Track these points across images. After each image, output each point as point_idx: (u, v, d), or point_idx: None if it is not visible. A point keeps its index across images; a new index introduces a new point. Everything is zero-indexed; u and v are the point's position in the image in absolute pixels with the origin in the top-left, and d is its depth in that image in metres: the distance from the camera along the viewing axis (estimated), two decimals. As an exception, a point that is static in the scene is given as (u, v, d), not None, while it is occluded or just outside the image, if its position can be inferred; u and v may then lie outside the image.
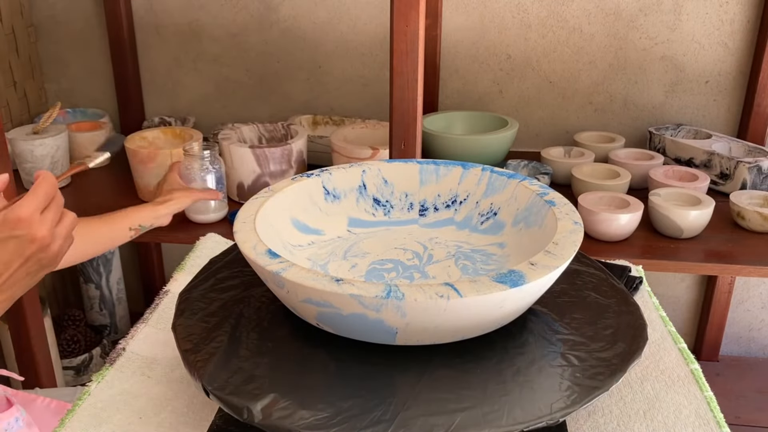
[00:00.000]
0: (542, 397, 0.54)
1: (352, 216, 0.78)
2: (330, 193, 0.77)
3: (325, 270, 0.71)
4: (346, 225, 0.78)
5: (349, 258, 0.73)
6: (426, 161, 0.79)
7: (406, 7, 1.00)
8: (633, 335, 0.62)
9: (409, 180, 0.79)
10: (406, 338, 0.57)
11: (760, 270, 1.14)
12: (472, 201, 0.76)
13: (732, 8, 1.49)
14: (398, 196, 0.79)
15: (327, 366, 0.58)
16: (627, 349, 0.60)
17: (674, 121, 1.59)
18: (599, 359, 0.59)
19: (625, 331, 0.63)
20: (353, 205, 0.78)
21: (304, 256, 0.72)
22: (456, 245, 0.74)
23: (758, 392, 1.60)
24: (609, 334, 0.63)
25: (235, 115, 1.71)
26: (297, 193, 0.75)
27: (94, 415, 0.61)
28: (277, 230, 0.70)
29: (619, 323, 0.64)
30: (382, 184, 0.79)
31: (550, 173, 1.36)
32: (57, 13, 1.69)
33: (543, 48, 1.57)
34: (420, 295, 0.53)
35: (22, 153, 1.34)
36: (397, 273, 0.71)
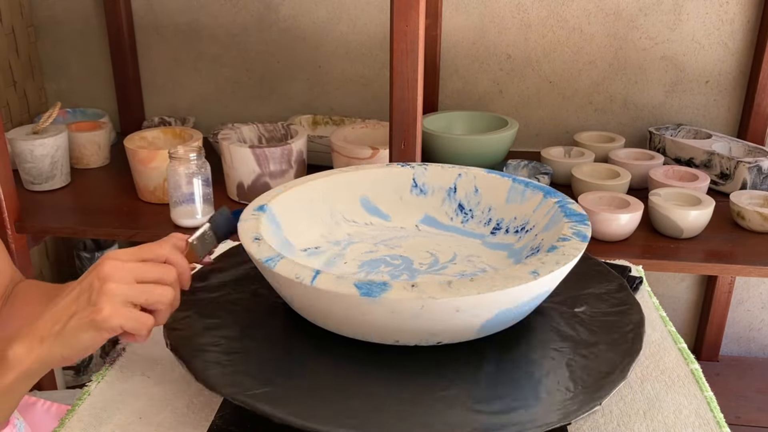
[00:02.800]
0: (545, 403, 0.54)
1: (430, 214, 0.79)
2: (417, 186, 0.78)
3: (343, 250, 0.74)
4: (418, 220, 0.78)
5: (380, 246, 0.75)
6: (520, 180, 0.75)
7: (406, 7, 1.00)
8: (633, 339, 0.63)
9: (497, 194, 0.77)
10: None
11: (760, 270, 1.14)
12: (533, 233, 0.72)
13: (732, 8, 1.49)
14: (482, 208, 0.77)
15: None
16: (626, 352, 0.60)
17: (674, 121, 1.59)
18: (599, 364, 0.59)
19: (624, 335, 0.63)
20: (437, 205, 0.78)
21: (346, 231, 0.76)
22: (484, 266, 0.72)
23: (758, 392, 1.60)
24: (608, 339, 0.63)
25: (235, 115, 1.71)
26: (381, 177, 0.77)
27: (94, 415, 0.61)
28: (333, 203, 0.75)
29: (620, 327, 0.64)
30: (472, 192, 0.78)
31: (550, 173, 1.36)
32: (57, 13, 1.69)
33: (543, 48, 1.57)
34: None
35: (22, 153, 1.34)
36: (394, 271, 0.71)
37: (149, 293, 0.56)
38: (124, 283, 0.55)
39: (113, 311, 0.54)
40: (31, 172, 1.37)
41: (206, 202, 1.24)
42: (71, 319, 0.54)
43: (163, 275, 0.57)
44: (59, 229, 1.29)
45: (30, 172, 1.37)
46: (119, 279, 0.55)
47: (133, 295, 0.55)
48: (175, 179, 1.20)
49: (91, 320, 0.54)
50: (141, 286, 0.56)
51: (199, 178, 1.21)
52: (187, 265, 0.61)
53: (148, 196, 1.34)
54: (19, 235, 1.27)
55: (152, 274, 0.57)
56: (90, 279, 0.56)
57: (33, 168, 1.36)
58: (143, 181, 1.33)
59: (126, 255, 0.58)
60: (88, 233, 1.29)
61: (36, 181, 1.38)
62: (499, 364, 0.59)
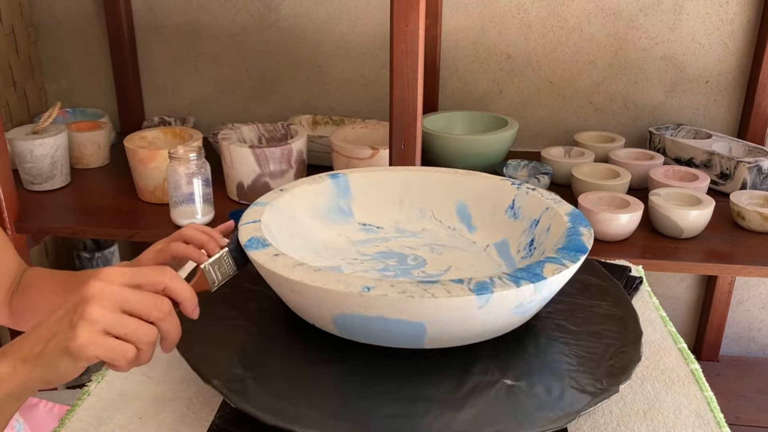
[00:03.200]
0: (546, 404, 0.54)
1: (507, 240, 0.76)
2: (513, 209, 0.76)
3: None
4: (493, 243, 0.76)
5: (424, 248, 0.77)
6: (581, 227, 0.70)
7: (406, 7, 1.00)
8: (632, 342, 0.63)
9: (555, 237, 0.72)
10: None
11: (760, 270, 1.14)
12: (539, 251, 0.71)
13: (732, 8, 1.49)
14: (542, 250, 0.73)
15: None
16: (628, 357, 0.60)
17: (674, 121, 1.59)
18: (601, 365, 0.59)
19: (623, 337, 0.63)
20: (518, 233, 0.75)
21: (421, 226, 0.79)
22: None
23: (758, 392, 1.60)
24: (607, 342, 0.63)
25: (235, 115, 1.71)
26: (488, 188, 0.78)
27: (94, 415, 0.61)
28: (430, 199, 0.79)
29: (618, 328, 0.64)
30: (545, 230, 0.75)
31: (550, 173, 1.36)
32: (57, 13, 1.69)
33: (543, 48, 1.57)
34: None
35: (22, 153, 1.34)
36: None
37: (131, 328, 0.51)
38: (107, 309, 0.51)
39: (89, 340, 0.50)
40: (31, 172, 1.37)
41: (206, 202, 1.24)
42: (50, 342, 0.51)
43: (152, 310, 0.52)
44: (59, 229, 1.29)
45: (30, 172, 1.37)
46: (103, 305, 0.51)
47: (113, 325, 0.51)
48: (175, 179, 1.20)
49: (66, 347, 0.50)
50: (123, 319, 0.51)
51: (199, 178, 1.21)
52: (190, 295, 0.56)
53: (148, 196, 1.34)
54: (19, 235, 1.27)
55: (141, 307, 0.52)
56: (76, 297, 0.52)
57: (33, 168, 1.36)
58: (143, 181, 1.33)
59: (120, 277, 0.53)
60: (88, 233, 1.29)
61: (36, 181, 1.38)
62: (497, 369, 0.59)
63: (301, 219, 0.76)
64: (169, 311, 0.53)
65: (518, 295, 0.54)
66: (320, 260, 0.74)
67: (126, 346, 0.51)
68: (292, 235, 0.74)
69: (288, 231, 0.73)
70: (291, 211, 0.75)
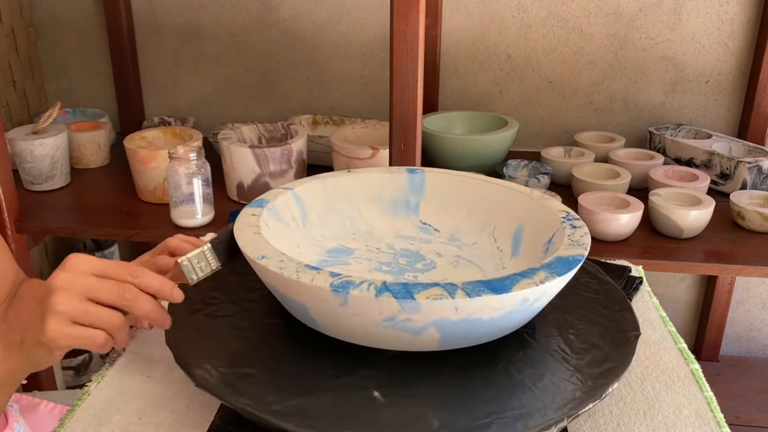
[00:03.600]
0: (545, 402, 0.54)
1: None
2: (549, 243, 0.72)
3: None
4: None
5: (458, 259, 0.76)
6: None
7: (406, 7, 1.00)
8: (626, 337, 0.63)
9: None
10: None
11: (760, 270, 1.14)
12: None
13: (732, 8, 1.49)
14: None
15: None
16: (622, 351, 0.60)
17: (674, 121, 1.59)
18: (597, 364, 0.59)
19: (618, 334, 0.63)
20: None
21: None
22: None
23: (758, 392, 1.60)
24: (603, 339, 0.63)
25: (235, 115, 1.71)
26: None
27: (94, 415, 0.61)
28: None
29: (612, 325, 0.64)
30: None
31: (550, 173, 1.36)
32: (57, 13, 1.69)
33: (543, 48, 1.57)
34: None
35: (22, 153, 1.34)
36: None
37: (96, 316, 0.53)
38: (73, 299, 0.52)
39: (58, 331, 0.52)
40: (31, 172, 1.37)
41: (206, 202, 1.24)
42: (27, 333, 0.54)
43: (116, 298, 0.54)
44: (59, 229, 1.29)
45: (30, 172, 1.37)
46: (68, 295, 0.52)
47: (78, 315, 0.53)
48: (174, 179, 1.20)
49: (38, 340, 0.53)
50: (88, 307, 0.53)
51: (199, 178, 1.21)
52: (159, 284, 0.57)
53: (147, 196, 1.34)
54: (19, 235, 1.27)
55: (105, 295, 0.54)
56: (45, 288, 0.54)
57: (33, 168, 1.36)
58: (143, 181, 1.33)
59: (86, 266, 0.54)
60: (88, 233, 1.29)
61: (36, 181, 1.38)
62: (496, 368, 0.59)
63: (358, 201, 0.78)
64: (134, 295, 0.55)
65: (441, 307, 0.53)
66: (335, 242, 0.75)
67: (95, 333, 0.53)
68: (332, 210, 0.76)
69: (330, 206, 0.76)
70: (349, 191, 0.77)
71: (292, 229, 0.73)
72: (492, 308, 0.53)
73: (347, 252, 0.75)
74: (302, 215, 0.75)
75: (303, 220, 0.75)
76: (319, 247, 0.75)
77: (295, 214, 0.74)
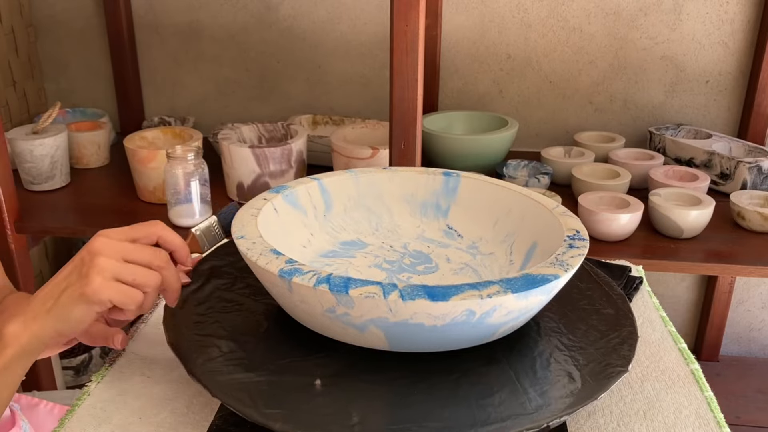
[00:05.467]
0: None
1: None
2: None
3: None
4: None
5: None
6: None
7: (406, 7, 1.00)
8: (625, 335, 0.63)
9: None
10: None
11: (760, 270, 1.14)
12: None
13: (732, 8, 1.49)
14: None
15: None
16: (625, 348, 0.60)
17: (674, 121, 1.59)
18: (596, 360, 0.59)
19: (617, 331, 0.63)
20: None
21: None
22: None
23: (758, 392, 1.60)
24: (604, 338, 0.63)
25: (235, 115, 1.71)
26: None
27: (94, 415, 0.61)
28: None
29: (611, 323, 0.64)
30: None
31: (550, 173, 1.36)
32: (57, 13, 1.69)
33: (543, 48, 1.57)
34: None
35: (22, 153, 1.34)
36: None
37: (138, 273, 0.57)
38: (114, 258, 0.56)
39: (102, 284, 0.55)
40: (30, 172, 1.37)
41: (204, 203, 1.24)
42: (63, 294, 0.56)
43: (153, 259, 0.58)
44: (59, 229, 1.29)
45: (30, 172, 1.37)
46: (109, 255, 0.56)
47: (122, 272, 0.56)
48: (172, 179, 1.20)
49: (81, 293, 0.55)
50: (130, 266, 0.57)
51: (197, 178, 1.21)
52: (181, 243, 0.62)
53: (147, 196, 1.34)
54: (19, 235, 1.27)
55: (142, 256, 0.57)
56: (81, 255, 0.57)
57: (33, 168, 1.36)
58: (143, 181, 1.33)
59: (117, 234, 0.58)
60: (87, 233, 1.29)
61: (36, 181, 1.38)
62: (494, 367, 0.59)
63: (389, 199, 0.78)
64: (167, 260, 0.59)
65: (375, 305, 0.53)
66: (354, 235, 0.76)
67: (135, 291, 0.56)
68: (360, 205, 0.77)
69: (359, 201, 0.77)
70: (382, 188, 0.78)
71: (309, 217, 0.75)
72: (431, 315, 0.52)
73: (360, 246, 0.75)
74: (326, 205, 0.76)
75: (325, 210, 0.76)
76: (333, 237, 0.76)
77: (317, 203, 0.76)
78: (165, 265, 0.59)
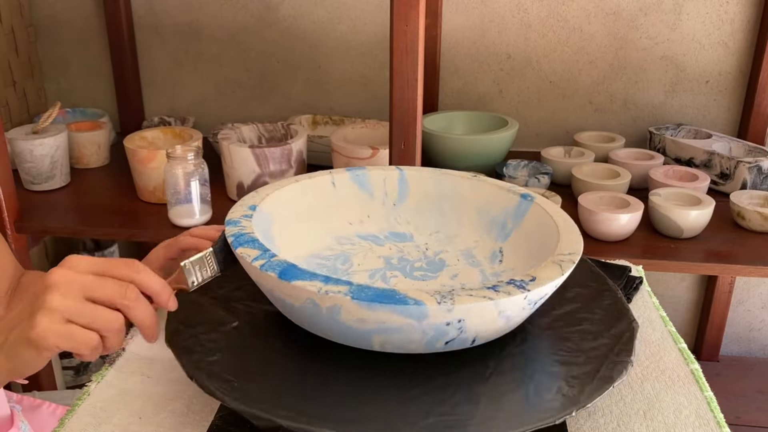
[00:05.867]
0: (542, 400, 0.54)
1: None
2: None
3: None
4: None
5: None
6: None
7: (406, 7, 1.00)
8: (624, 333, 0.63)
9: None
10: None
11: (760, 270, 1.14)
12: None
13: (732, 8, 1.49)
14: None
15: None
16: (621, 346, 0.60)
17: (674, 121, 1.59)
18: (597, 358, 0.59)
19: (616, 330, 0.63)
20: None
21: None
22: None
23: (758, 392, 1.60)
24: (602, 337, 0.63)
25: (235, 115, 1.71)
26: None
27: (93, 415, 0.61)
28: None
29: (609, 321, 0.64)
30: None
31: (550, 173, 1.36)
32: (57, 13, 1.69)
33: (543, 48, 1.57)
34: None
35: (22, 153, 1.34)
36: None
37: (95, 316, 0.50)
38: (69, 297, 0.49)
39: (48, 329, 0.48)
40: (30, 172, 1.37)
41: (204, 203, 1.24)
42: (12, 332, 0.50)
43: (117, 297, 0.51)
44: (59, 229, 1.29)
45: (30, 172, 1.37)
46: (65, 292, 0.49)
47: (74, 314, 0.49)
48: (172, 179, 1.20)
49: (26, 337, 0.49)
50: (86, 306, 0.50)
51: (197, 178, 1.21)
52: (160, 287, 0.54)
53: (147, 196, 1.34)
54: (19, 235, 1.27)
55: (105, 293, 0.51)
56: (39, 287, 0.51)
57: (33, 168, 1.36)
58: (143, 181, 1.33)
59: (84, 265, 0.51)
60: (87, 233, 1.29)
61: (36, 181, 1.38)
62: (494, 366, 0.59)
63: (465, 208, 0.78)
64: (135, 297, 0.52)
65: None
66: (405, 228, 0.78)
67: (88, 334, 0.50)
68: (434, 206, 0.78)
69: (433, 202, 0.78)
70: (463, 196, 0.77)
71: (375, 200, 0.78)
72: (285, 294, 0.57)
73: (401, 239, 0.77)
74: (399, 196, 0.78)
75: (397, 200, 0.78)
76: (386, 225, 0.78)
77: (390, 191, 0.78)
78: (133, 304, 0.51)
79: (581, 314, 0.67)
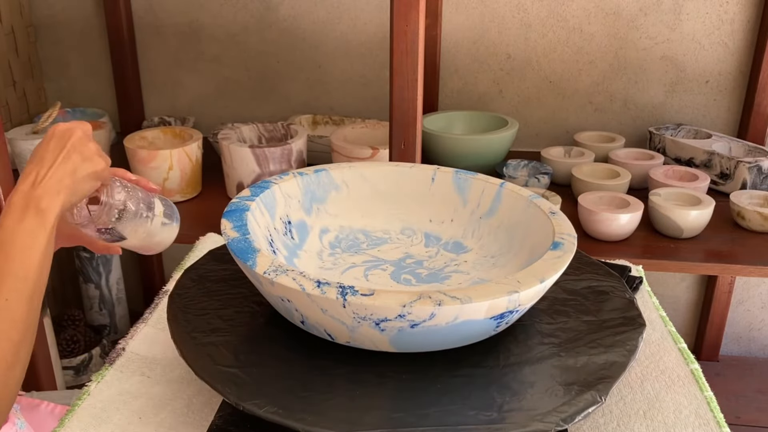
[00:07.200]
0: (544, 404, 0.54)
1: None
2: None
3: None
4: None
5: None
6: None
7: (406, 7, 1.00)
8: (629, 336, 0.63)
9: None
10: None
11: (760, 270, 1.14)
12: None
13: (732, 8, 1.49)
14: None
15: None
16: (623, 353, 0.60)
17: (674, 121, 1.59)
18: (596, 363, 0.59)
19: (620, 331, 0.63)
20: None
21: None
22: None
23: (758, 392, 1.60)
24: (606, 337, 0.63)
25: (235, 115, 1.71)
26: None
27: (93, 415, 0.61)
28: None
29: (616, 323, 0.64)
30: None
31: (550, 173, 1.36)
32: (57, 13, 1.69)
33: (543, 48, 1.57)
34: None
35: (22, 153, 1.34)
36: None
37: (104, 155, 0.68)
38: (91, 140, 0.67)
39: (106, 164, 0.67)
40: (30, 172, 1.36)
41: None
42: (75, 173, 0.64)
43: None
44: (59, 229, 1.28)
45: (30, 172, 1.36)
46: (83, 135, 0.67)
47: (100, 152, 0.67)
48: None
49: (94, 172, 0.65)
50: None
51: None
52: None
53: (148, 196, 1.34)
54: (19, 235, 1.27)
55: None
56: (71, 141, 0.66)
57: (33, 168, 1.36)
58: (143, 181, 1.32)
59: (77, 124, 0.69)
60: (88, 233, 1.29)
61: (36, 181, 1.37)
62: (495, 369, 0.59)
63: (507, 217, 0.77)
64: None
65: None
66: (438, 227, 0.80)
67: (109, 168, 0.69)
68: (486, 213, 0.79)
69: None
70: (512, 204, 0.77)
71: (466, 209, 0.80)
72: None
73: (457, 249, 0.78)
74: (489, 211, 0.79)
75: (485, 215, 0.79)
76: (425, 215, 0.81)
77: (483, 203, 0.79)
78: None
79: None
